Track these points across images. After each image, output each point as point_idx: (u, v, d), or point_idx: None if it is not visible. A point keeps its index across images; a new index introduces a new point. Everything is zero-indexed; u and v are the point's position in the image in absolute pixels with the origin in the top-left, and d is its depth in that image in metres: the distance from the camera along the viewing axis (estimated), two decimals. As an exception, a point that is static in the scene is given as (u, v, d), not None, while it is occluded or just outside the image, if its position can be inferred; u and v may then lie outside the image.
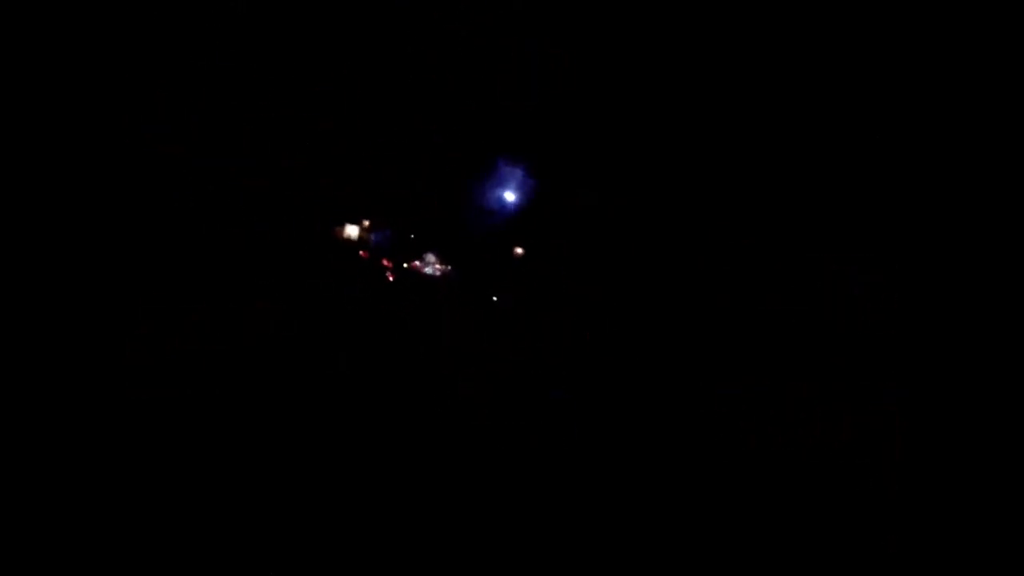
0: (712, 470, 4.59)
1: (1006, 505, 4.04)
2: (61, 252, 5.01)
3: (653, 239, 7.61)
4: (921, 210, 5.64)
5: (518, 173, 9.55)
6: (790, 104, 6.51)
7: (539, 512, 3.64)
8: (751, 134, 6.80)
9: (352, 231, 9.87)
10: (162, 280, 5.70)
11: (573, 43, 7.44)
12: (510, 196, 9.76)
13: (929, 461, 4.54)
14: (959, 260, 5.33)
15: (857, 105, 6.11)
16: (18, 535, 2.73)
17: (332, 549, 3.02)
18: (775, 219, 6.61)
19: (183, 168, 6.35)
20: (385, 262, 9.87)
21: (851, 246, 6.04)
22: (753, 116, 6.76)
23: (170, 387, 4.54)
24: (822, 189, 6.32)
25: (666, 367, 6.49)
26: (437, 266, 10.93)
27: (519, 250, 10.06)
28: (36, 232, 4.89)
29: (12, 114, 4.59)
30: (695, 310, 6.88)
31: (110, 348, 4.72)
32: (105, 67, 5.40)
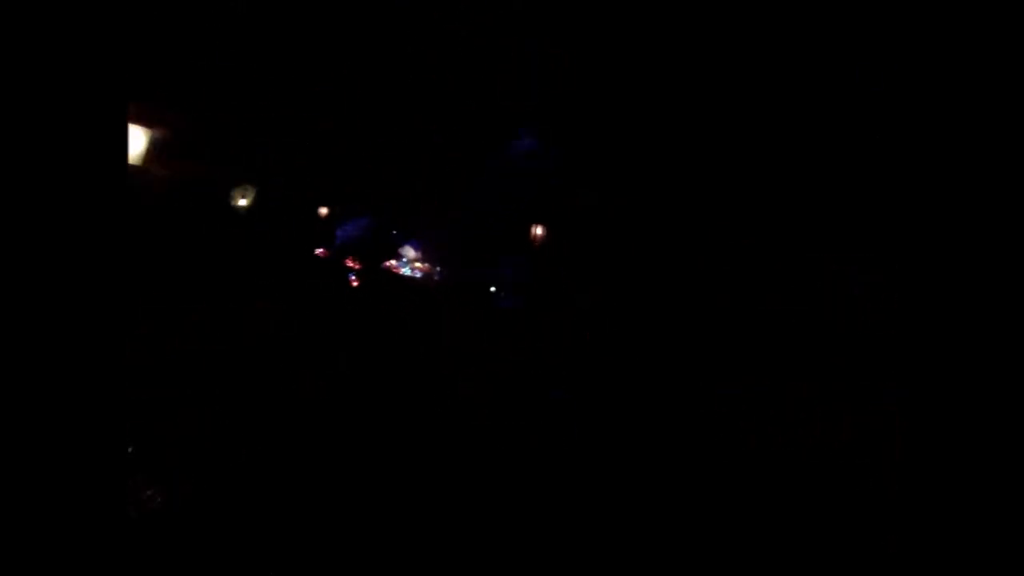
0: (712, 470, 4.59)
1: (1006, 505, 4.03)
2: (61, 252, 5.00)
3: (653, 239, 7.61)
4: (921, 210, 5.63)
5: (517, 174, 9.54)
6: (790, 104, 6.51)
7: (539, 512, 3.64)
8: (751, 134, 6.80)
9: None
10: (162, 280, 5.70)
11: (573, 43, 7.44)
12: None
13: (929, 461, 4.53)
14: (959, 260, 5.32)
15: (857, 106, 6.11)
16: (18, 534, 2.73)
17: (332, 549, 3.02)
18: (775, 219, 6.61)
19: (183, 168, 6.35)
20: (350, 263, 9.79)
21: (851, 246, 6.04)
22: (753, 116, 6.76)
23: (170, 387, 4.54)
24: (822, 189, 6.32)
25: (666, 367, 6.48)
26: (417, 266, 10.91)
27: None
28: (36, 232, 4.88)
29: (11, 114, 4.58)
30: (695, 310, 6.88)
31: (110, 348, 4.71)
32: (105, 67, 5.39)
